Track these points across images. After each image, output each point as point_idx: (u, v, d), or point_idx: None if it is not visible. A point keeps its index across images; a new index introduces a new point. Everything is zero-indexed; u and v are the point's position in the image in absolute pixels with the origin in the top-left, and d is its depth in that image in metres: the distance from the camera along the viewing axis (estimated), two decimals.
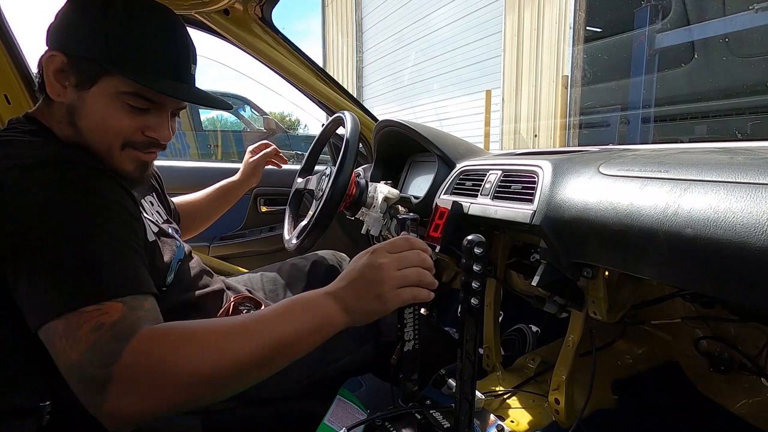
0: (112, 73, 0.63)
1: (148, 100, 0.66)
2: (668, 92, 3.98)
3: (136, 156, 0.70)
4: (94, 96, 0.64)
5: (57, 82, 0.64)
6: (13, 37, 1.19)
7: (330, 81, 1.57)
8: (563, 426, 0.87)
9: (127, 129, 0.67)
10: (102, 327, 0.53)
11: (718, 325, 0.93)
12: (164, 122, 0.70)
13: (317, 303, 0.59)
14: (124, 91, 0.64)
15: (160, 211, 0.91)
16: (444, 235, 0.94)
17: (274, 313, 0.58)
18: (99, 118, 0.65)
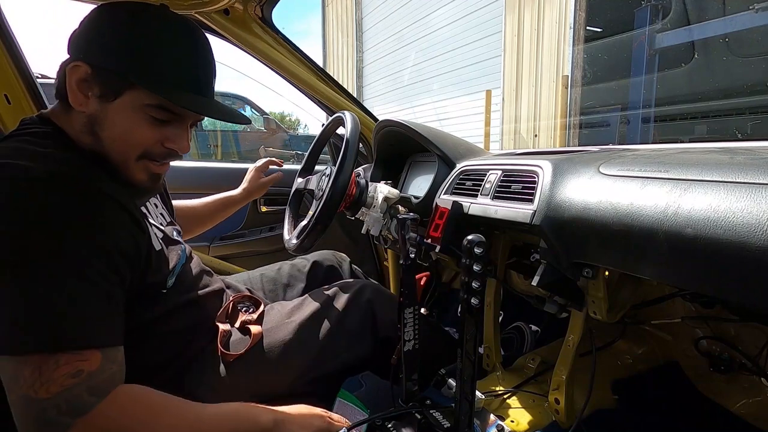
0: (137, 86, 0.63)
1: (170, 112, 0.67)
2: (668, 92, 3.98)
3: (151, 167, 0.70)
4: (117, 108, 0.64)
5: (80, 92, 0.64)
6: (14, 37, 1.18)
7: (330, 81, 1.57)
8: (563, 426, 0.87)
9: (149, 141, 0.67)
10: (80, 374, 0.55)
11: (718, 325, 0.93)
12: (184, 134, 0.71)
13: (258, 417, 0.68)
14: (148, 104, 0.65)
15: (164, 212, 0.91)
16: (444, 235, 0.94)
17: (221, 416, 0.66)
18: (122, 129, 0.65)
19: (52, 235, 0.55)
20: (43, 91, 1.29)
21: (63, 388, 0.54)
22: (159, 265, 0.74)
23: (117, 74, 0.63)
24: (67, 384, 0.54)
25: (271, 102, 50.12)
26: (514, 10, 5.54)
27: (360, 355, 0.88)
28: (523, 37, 5.46)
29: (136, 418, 0.59)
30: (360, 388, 0.82)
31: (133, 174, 0.69)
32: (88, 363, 0.55)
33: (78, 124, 0.66)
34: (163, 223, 0.85)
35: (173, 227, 0.90)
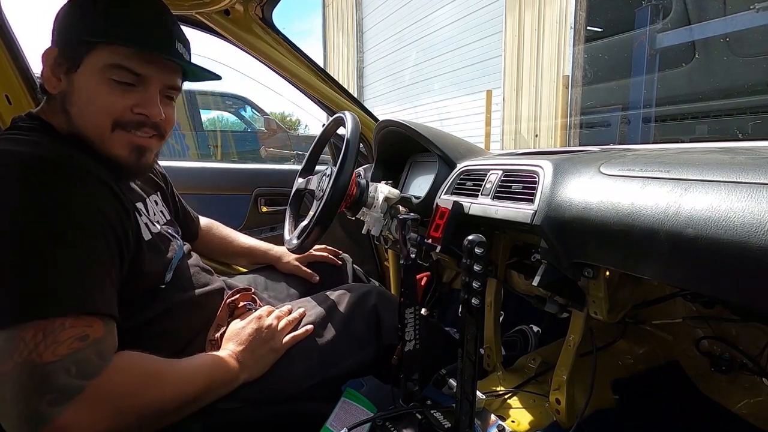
0: (96, 47, 0.65)
1: (133, 73, 0.67)
2: (669, 92, 3.98)
3: (129, 139, 0.69)
4: (80, 76, 0.66)
5: (53, 76, 0.66)
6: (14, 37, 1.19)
7: (330, 81, 1.57)
8: (564, 426, 0.87)
9: (115, 107, 0.66)
10: (87, 338, 0.55)
11: (718, 325, 0.93)
12: (153, 98, 0.69)
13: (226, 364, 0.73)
14: (107, 64, 0.65)
15: (164, 211, 0.90)
16: (444, 235, 0.94)
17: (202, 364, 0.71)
18: (85, 97, 0.66)
19: (43, 211, 0.56)
20: None
21: (72, 350, 0.53)
22: (152, 255, 0.74)
23: (78, 42, 0.65)
24: (75, 346, 0.53)
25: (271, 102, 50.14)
26: (514, 10, 5.54)
27: (364, 361, 0.87)
28: (524, 37, 5.46)
29: (137, 381, 0.60)
30: (361, 389, 0.82)
31: (112, 148, 0.68)
32: (93, 329, 0.56)
33: (56, 108, 0.68)
34: (160, 221, 0.85)
35: (171, 227, 0.90)
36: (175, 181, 1.08)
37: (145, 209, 0.81)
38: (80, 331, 0.55)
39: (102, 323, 0.58)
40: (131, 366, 0.61)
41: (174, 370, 0.66)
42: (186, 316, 0.81)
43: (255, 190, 1.72)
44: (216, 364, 0.73)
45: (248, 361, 0.76)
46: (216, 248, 1.19)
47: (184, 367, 0.68)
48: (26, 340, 0.51)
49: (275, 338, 0.81)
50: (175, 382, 0.64)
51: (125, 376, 0.59)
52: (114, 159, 0.69)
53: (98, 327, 0.57)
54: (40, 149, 0.61)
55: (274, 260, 1.15)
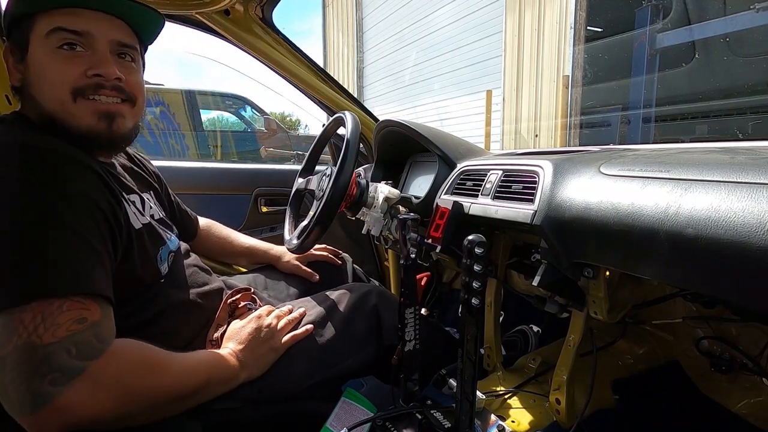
0: (34, 21, 0.65)
1: (73, 32, 0.66)
2: (669, 92, 3.98)
3: (94, 107, 0.68)
4: (31, 56, 0.66)
5: (13, 69, 0.68)
6: None
7: (330, 81, 1.57)
8: (564, 426, 0.86)
9: (68, 74, 0.66)
10: (85, 321, 0.55)
11: (719, 325, 0.93)
12: (103, 57, 0.68)
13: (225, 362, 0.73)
14: (47, 32, 0.65)
15: (157, 210, 0.90)
16: (445, 235, 0.94)
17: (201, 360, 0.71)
18: (40, 73, 0.66)
19: (37, 197, 0.57)
20: None
21: (71, 332, 0.53)
22: (143, 244, 0.73)
23: (18, 23, 0.66)
24: (74, 329, 0.54)
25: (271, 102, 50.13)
26: (514, 10, 5.54)
27: (364, 361, 0.87)
28: (524, 37, 5.46)
29: (136, 366, 0.60)
30: (361, 389, 0.82)
31: (79, 120, 0.67)
32: (90, 312, 0.56)
33: (24, 99, 0.69)
34: (148, 214, 0.84)
35: (163, 224, 0.89)
36: (175, 181, 1.08)
37: (139, 203, 0.81)
38: (78, 314, 0.55)
39: (98, 307, 0.58)
40: (131, 352, 0.61)
41: (173, 361, 0.66)
42: (185, 316, 0.80)
43: (255, 190, 1.72)
44: (216, 361, 0.73)
45: (248, 359, 0.76)
46: (215, 248, 1.19)
47: (184, 360, 0.68)
48: (25, 322, 0.52)
49: (275, 337, 0.81)
50: (174, 372, 0.64)
51: (125, 360, 0.59)
52: (84, 131, 0.68)
53: (95, 310, 0.57)
54: (25, 138, 0.62)
55: (274, 260, 1.15)
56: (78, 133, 0.68)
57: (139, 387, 0.59)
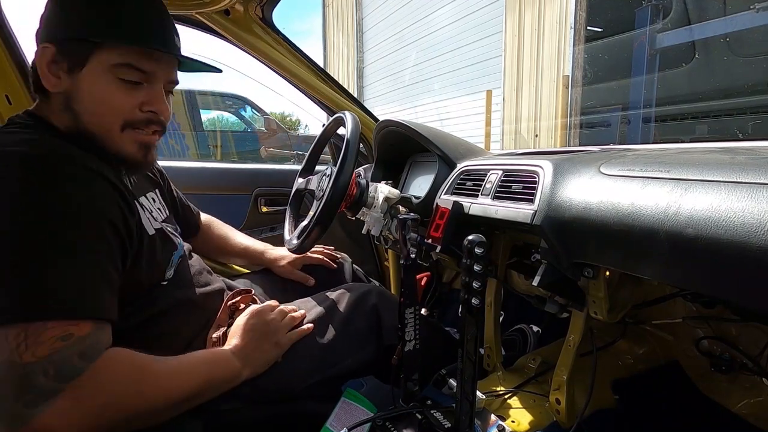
0: (101, 47, 0.64)
1: (140, 71, 0.66)
2: (669, 92, 3.98)
3: (137, 137, 0.69)
4: (86, 76, 0.65)
5: (51, 74, 0.64)
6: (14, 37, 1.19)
7: (330, 81, 1.57)
8: (564, 426, 0.86)
9: (124, 106, 0.66)
10: (70, 338, 0.54)
11: (719, 325, 0.93)
12: (159, 95, 0.70)
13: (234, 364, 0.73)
14: (115, 64, 0.65)
15: (162, 208, 0.90)
16: (445, 235, 0.94)
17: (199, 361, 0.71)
18: (94, 97, 0.65)
19: (40, 211, 0.56)
20: None
21: (52, 350, 0.52)
22: (154, 250, 0.73)
23: (79, 41, 0.64)
24: (56, 347, 0.52)
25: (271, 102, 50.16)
26: (514, 10, 5.54)
27: (364, 360, 0.87)
28: (524, 37, 5.46)
29: (123, 380, 0.59)
30: (361, 389, 0.82)
31: (121, 147, 0.68)
32: (78, 328, 0.55)
33: (56, 105, 0.66)
34: (158, 218, 0.85)
35: (169, 224, 0.89)
36: (175, 181, 1.08)
37: (149, 205, 0.81)
38: (63, 331, 0.54)
39: (91, 322, 0.57)
40: (116, 364, 0.59)
41: (166, 368, 0.65)
42: (185, 317, 0.80)
43: (255, 190, 1.72)
44: (216, 360, 0.72)
45: (251, 356, 0.76)
46: (213, 247, 1.18)
47: (179, 364, 0.67)
48: (9, 339, 0.51)
49: (279, 333, 0.81)
50: (166, 379, 0.64)
51: (109, 374, 0.57)
52: (122, 156, 0.69)
53: (84, 326, 0.56)
54: (40, 147, 0.61)
55: (269, 263, 1.14)
56: (114, 156, 0.68)
57: (126, 400, 0.58)
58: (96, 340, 0.57)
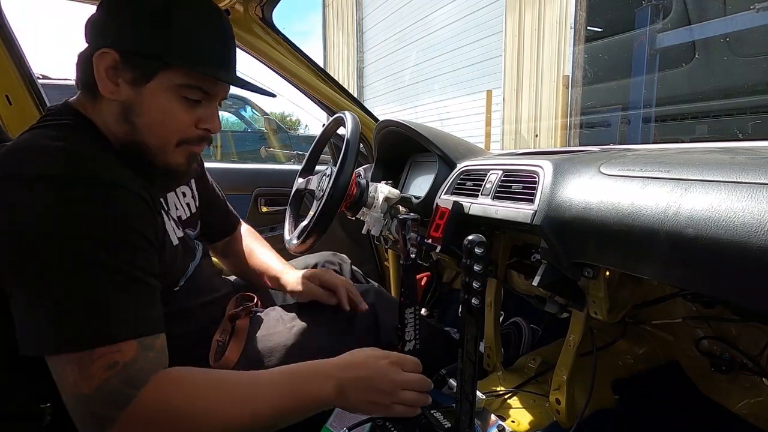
0: (170, 66, 0.62)
1: (203, 91, 0.66)
2: (669, 92, 3.98)
3: (190, 150, 0.70)
4: (151, 91, 0.63)
5: (109, 80, 0.62)
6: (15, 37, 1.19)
7: (330, 81, 1.57)
8: (564, 426, 0.87)
9: (184, 123, 0.66)
10: (116, 366, 0.54)
11: (719, 325, 0.93)
12: (215, 113, 0.70)
13: (320, 387, 0.64)
14: (183, 84, 0.64)
15: (191, 203, 0.88)
16: (445, 235, 0.94)
17: (278, 385, 0.63)
18: (157, 114, 0.64)
19: (75, 234, 0.54)
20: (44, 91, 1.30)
21: (101, 381, 0.53)
22: (174, 259, 0.73)
23: (149, 56, 0.62)
24: (104, 376, 0.53)
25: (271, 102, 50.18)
26: (514, 10, 5.54)
27: None
28: (524, 37, 5.46)
29: (181, 401, 0.58)
30: None
31: (171, 159, 0.68)
32: (122, 354, 0.55)
33: (110, 113, 0.65)
34: (183, 215, 0.83)
35: (193, 226, 0.88)
36: None
37: (174, 202, 0.80)
38: (109, 360, 0.54)
39: (137, 344, 0.56)
40: (171, 386, 0.58)
41: (225, 386, 0.61)
42: (194, 319, 0.80)
43: (255, 190, 1.72)
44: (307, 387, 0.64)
45: (352, 399, 0.65)
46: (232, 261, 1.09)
47: (244, 383, 0.62)
48: (68, 373, 0.53)
49: (388, 396, 0.67)
50: (226, 404, 0.59)
51: (164, 398, 0.57)
52: (170, 168, 0.69)
53: (129, 349, 0.55)
54: (75, 161, 0.57)
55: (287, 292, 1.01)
56: (161, 168, 0.68)
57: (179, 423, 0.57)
58: (141, 365, 0.56)
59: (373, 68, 9.15)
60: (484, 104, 5.97)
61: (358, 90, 9.40)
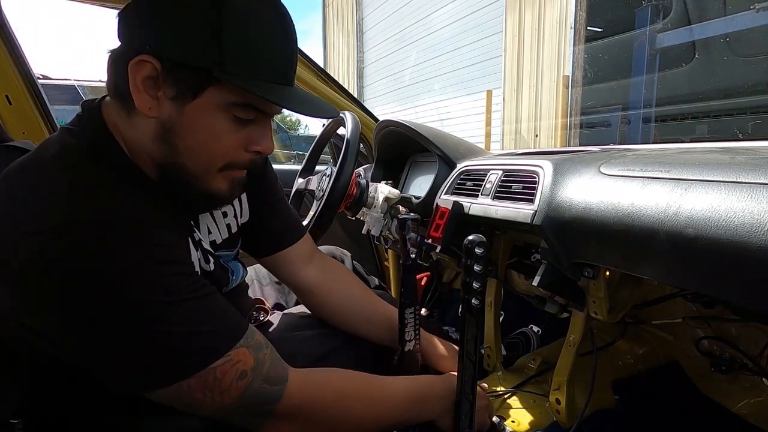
0: (221, 82, 0.52)
1: (257, 110, 0.56)
2: (669, 92, 3.98)
3: (234, 175, 0.61)
4: (197, 109, 0.53)
5: (147, 93, 0.52)
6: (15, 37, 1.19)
7: (330, 81, 1.57)
8: (564, 426, 0.87)
9: (232, 147, 0.57)
10: (246, 375, 0.56)
11: (719, 325, 0.93)
12: (268, 132, 0.60)
13: (433, 408, 0.71)
14: (235, 102, 0.54)
15: (233, 223, 0.77)
16: (445, 235, 0.94)
17: (405, 398, 0.69)
18: (203, 136, 0.55)
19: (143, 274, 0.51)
20: (44, 91, 1.30)
21: (241, 390, 0.55)
22: None
23: (197, 69, 0.51)
24: (241, 386, 0.55)
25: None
26: (514, 10, 5.54)
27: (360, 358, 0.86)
28: (524, 37, 5.46)
29: (323, 397, 0.63)
30: None
31: (212, 186, 0.59)
32: (242, 362, 0.56)
33: (146, 131, 0.55)
34: (219, 238, 0.74)
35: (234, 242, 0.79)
36: None
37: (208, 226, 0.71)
38: (234, 372, 0.55)
39: (246, 348, 0.56)
40: (307, 384, 0.62)
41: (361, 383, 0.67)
42: None
43: None
44: (431, 404, 0.71)
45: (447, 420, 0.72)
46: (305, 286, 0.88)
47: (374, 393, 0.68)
48: (199, 398, 0.54)
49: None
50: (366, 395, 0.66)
51: (307, 395, 0.61)
52: (209, 194, 0.60)
53: (243, 355, 0.56)
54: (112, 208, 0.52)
55: None
56: (199, 195, 0.60)
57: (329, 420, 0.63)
58: (269, 363, 0.59)
59: (373, 68, 9.15)
60: (484, 104, 5.97)
61: (358, 90, 9.40)
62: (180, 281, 0.54)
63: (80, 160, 0.54)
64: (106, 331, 0.50)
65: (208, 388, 0.54)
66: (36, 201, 0.50)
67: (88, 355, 0.52)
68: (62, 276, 0.48)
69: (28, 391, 0.58)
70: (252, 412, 0.57)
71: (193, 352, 0.53)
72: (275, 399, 0.58)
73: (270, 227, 0.83)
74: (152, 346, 0.51)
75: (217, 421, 0.69)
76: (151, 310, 0.51)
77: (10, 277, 0.49)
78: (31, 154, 0.57)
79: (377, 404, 0.67)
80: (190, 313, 0.54)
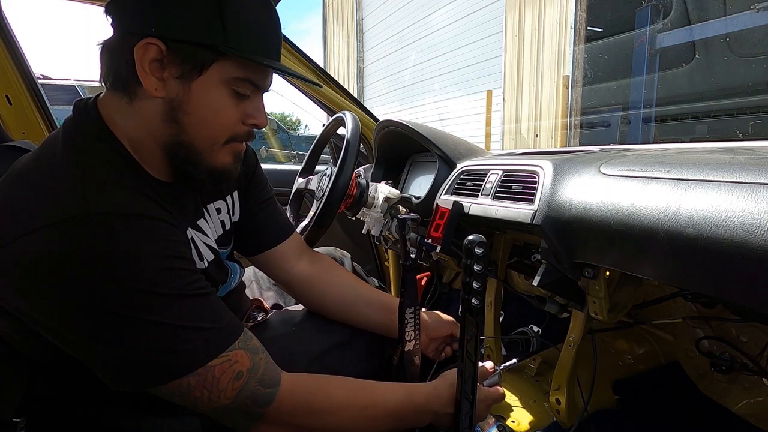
0: (224, 56, 0.56)
1: (253, 84, 0.60)
2: (669, 92, 3.98)
3: (236, 149, 0.64)
4: (201, 86, 0.56)
5: (154, 75, 0.54)
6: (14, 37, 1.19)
7: (331, 81, 1.57)
8: (564, 426, 0.87)
9: (234, 120, 0.61)
10: (242, 375, 0.57)
11: (719, 325, 0.93)
12: (262, 107, 0.65)
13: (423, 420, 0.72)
14: (235, 77, 0.58)
15: (227, 219, 0.79)
16: (445, 235, 0.94)
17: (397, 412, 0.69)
18: (207, 111, 0.58)
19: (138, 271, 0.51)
20: (44, 91, 1.30)
21: (237, 390, 0.56)
22: None
23: (201, 47, 0.55)
24: (237, 386, 0.56)
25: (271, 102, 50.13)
26: (514, 10, 5.54)
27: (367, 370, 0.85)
28: (524, 37, 5.46)
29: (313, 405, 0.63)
30: None
31: (218, 159, 0.62)
32: (240, 363, 0.57)
33: (152, 113, 0.57)
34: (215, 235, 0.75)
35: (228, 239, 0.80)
36: None
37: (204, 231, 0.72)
38: (232, 372, 0.56)
39: (243, 350, 0.58)
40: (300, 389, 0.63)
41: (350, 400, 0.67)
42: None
43: None
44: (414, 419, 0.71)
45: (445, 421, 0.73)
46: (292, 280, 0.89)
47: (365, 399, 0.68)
48: (197, 396, 0.55)
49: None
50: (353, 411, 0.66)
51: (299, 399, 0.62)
52: (217, 170, 0.63)
53: (240, 356, 0.58)
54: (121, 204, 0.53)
55: None
56: (205, 173, 0.62)
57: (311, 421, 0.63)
58: (264, 366, 0.60)
59: (373, 68, 9.15)
60: (485, 104, 5.98)
61: (358, 90, 9.40)
62: (184, 276, 0.55)
63: (87, 158, 0.55)
64: (111, 321, 0.51)
65: (206, 387, 0.55)
66: (50, 195, 0.52)
67: (91, 347, 0.52)
68: (72, 266, 0.49)
69: (30, 390, 0.58)
70: (244, 413, 0.58)
71: (194, 347, 0.54)
72: (267, 402, 0.59)
73: (259, 225, 0.86)
74: (155, 339, 0.52)
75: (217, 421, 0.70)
76: (156, 301, 0.52)
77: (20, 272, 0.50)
78: (35, 153, 0.58)
79: (368, 416, 0.66)
80: (193, 308, 0.55)
